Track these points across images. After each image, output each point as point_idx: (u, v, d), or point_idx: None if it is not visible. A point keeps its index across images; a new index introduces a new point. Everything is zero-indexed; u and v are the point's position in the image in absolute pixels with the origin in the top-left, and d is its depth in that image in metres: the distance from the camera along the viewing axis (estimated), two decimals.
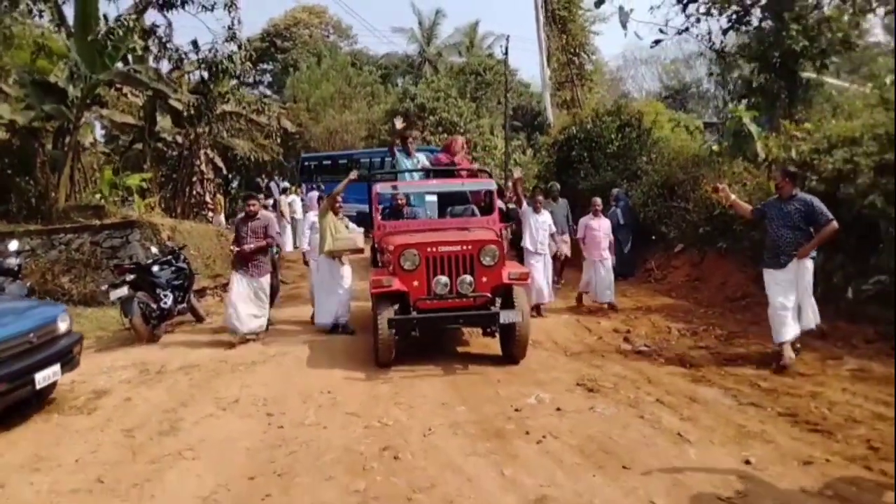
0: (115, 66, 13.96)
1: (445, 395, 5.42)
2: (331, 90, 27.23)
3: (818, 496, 3.55)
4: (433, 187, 8.47)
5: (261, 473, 3.93)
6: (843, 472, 3.84)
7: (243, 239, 7.60)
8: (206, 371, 6.33)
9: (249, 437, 4.53)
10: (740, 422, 4.67)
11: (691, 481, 3.73)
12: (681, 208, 10.24)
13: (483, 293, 6.25)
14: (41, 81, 14.81)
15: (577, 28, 19.12)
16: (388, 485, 3.73)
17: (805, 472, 3.84)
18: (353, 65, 31.62)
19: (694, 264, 10.04)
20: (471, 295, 6.22)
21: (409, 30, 36.43)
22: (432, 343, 6.93)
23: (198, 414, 5.06)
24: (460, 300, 6.24)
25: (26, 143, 15.33)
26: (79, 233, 12.04)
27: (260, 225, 7.69)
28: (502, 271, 6.34)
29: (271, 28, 37.49)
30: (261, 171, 25.03)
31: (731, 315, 8.11)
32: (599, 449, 4.20)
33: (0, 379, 4.48)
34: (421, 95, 27.36)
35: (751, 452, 4.12)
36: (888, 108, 7.44)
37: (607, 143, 12.55)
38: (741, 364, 6.13)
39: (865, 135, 7.17)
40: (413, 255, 6.24)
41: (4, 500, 3.68)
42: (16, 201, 16.23)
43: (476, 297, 6.25)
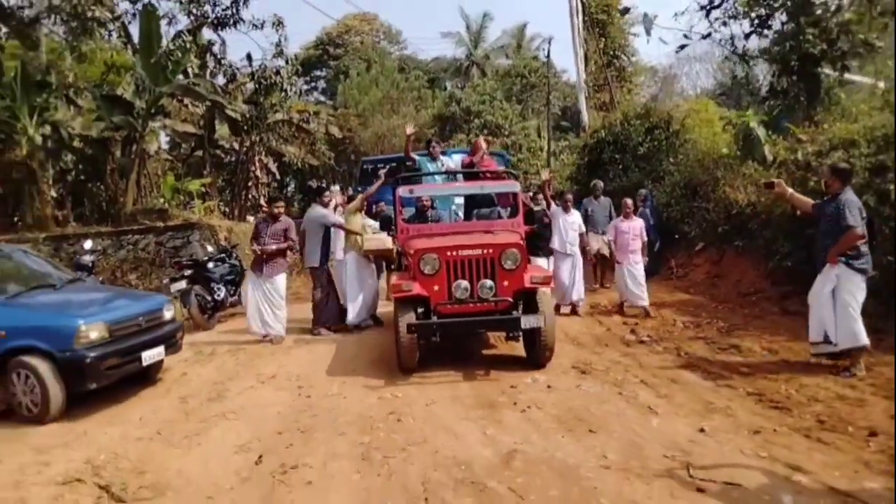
0: (175, 80, 15.30)
1: (454, 376, 6.18)
2: (379, 96, 28.32)
3: (753, 456, 4.16)
4: (453, 190, 8.63)
5: (287, 430, 4.81)
6: (786, 440, 4.43)
7: (262, 239, 7.91)
8: (250, 353, 7.32)
9: (281, 404, 5.43)
10: (710, 399, 5.28)
11: (645, 443, 4.40)
12: (702, 208, 10.70)
13: (504, 297, 6.18)
14: (110, 95, 16.32)
15: (615, 30, 19.55)
16: (389, 440, 4.54)
17: (750, 439, 4.44)
18: (401, 70, 32.68)
19: (713, 262, 10.49)
20: (492, 299, 6.16)
21: (457, 34, 37.37)
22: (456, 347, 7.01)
23: (241, 386, 6.02)
24: (481, 305, 6.18)
25: (98, 152, 16.88)
26: (144, 234, 13.34)
27: (280, 228, 8.03)
28: (524, 275, 6.28)
29: (324, 36, 39.04)
30: (313, 176, 26.38)
31: (740, 310, 8.58)
32: (574, 417, 4.90)
33: (113, 354, 5.45)
34: (466, 99, 28.18)
35: (709, 423, 4.74)
36: (890, 110, 7.81)
37: (636, 146, 13.04)
38: (732, 353, 6.67)
39: (864, 137, 7.56)
40: (433, 260, 6.21)
41: (87, 442, 4.67)
42: (89, 205, 17.86)
43: (497, 302, 6.18)
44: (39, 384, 5.12)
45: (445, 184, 8.70)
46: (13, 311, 5.52)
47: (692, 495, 3.64)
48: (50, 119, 15.65)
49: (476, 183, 8.46)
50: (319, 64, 39.44)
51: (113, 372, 5.52)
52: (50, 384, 5.12)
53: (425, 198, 8.39)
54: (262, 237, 7.95)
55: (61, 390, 5.18)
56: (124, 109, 16.15)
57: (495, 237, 6.79)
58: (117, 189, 16.70)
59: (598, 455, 4.21)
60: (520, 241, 6.74)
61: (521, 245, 6.51)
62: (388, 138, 26.88)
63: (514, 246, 6.37)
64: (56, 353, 5.20)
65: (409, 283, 6.21)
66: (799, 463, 4.00)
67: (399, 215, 7.78)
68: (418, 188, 8.13)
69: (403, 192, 7.83)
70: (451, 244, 6.42)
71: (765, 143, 8.83)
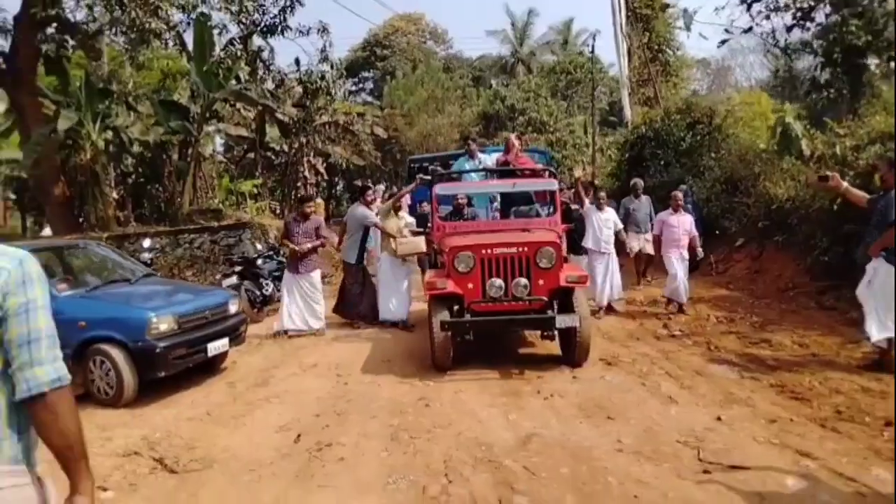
0: (228, 86, 16.04)
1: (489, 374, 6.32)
2: (424, 95, 28.77)
3: (765, 443, 4.32)
4: (487, 188, 8.64)
5: (324, 412, 5.20)
6: (801, 429, 4.57)
7: (295, 238, 8.16)
8: (294, 344, 7.78)
9: (320, 390, 5.83)
10: (732, 390, 5.43)
11: (661, 429, 4.60)
12: (742, 203, 10.67)
13: (539, 296, 6.15)
14: (168, 101, 17.21)
15: (660, 24, 19.40)
16: (416, 423, 4.87)
17: (765, 427, 4.60)
18: (446, 69, 33.05)
19: (754, 258, 10.47)
20: (526, 298, 6.12)
21: (503, 31, 37.53)
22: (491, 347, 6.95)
23: (284, 373, 6.46)
24: (516, 303, 6.16)
25: (156, 155, 17.83)
26: (200, 233, 14.05)
27: (312, 226, 8.33)
28: (560, 274, 6.23)
29: (371, 38, 39.79)
30: (360, 175, 27.04)
31: (777, 305, 8.60)
32: (595, 405, 5.14)
33: (180, 345, 5.91)
34: (511, 97, 28.36)
35: (727, 413, 4.90)
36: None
37: (678, 141, 13.02)
38: (762, 347, 6.77)
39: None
40: (467, 257, 6.20)
41: (144, 422, 5.17)
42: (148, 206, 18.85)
43: (532, 301, 6.15)
44: (115, 371, 5.58)
45: (481, 181, 8.79)
46: (92, 304, 6.01)
47: (697, 476, 3.84)
48: (111, 125, 16.61)
49: (512, 181, 8.35)
50: (367, 65, 40.24)
51: (180, 362, 5.94)
52: (124, 371, 5.58)
53: (461, 196, 8.41)
54: (294, 236, 8.20)
55: (134, 377, 5.63)
56: (181, 114, 17.01)
57: (531, 235, 6.75)
58: (174, 190, 17.60)
59: (613, 440, 4.44)
60: (556, 239, 6.63)
61: (557, 244, 6.42)
62: (434, 137, 27.33)
63: (549, 244, 6.31)
64: (129, 343, 5.64)
65: (444, 281, 6.21)
66: (809, 450, 4.14)
67: (435, 213, 7.78)
68: (454, 186, 8.24)
69: (439, 189, 7.88)
70: (486, 242, 6.42)
71: (802, 138, 8.80)
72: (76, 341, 5.61)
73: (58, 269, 6.66)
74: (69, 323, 5.61)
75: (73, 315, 5.65)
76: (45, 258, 6.50)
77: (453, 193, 8.29)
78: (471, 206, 8.74)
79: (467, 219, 8.23)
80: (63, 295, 5.87)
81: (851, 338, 6.73)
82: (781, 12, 11.53)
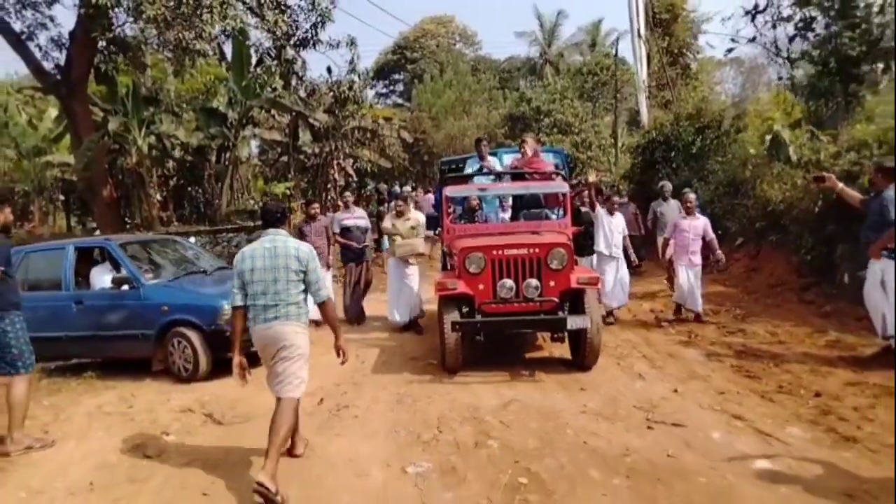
0: (264, 94, 17.31)
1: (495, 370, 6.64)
2: (451, 98, 29.77)
3: (708, 409, 5.23)
4: (498, 190, 8.58)
5: (344, 383, 6.29)
6: (743, 399, 5.45)
7: (309, 238, 8.58)
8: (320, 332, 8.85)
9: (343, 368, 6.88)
10: (696, 370, 6.33)
11: (623, 398, 5.54)
12: (742, 205, 11.44)
13: (550, 298, 6.25)
14: (207, 108, 18.58)
15: (680, 29, 20.10)
16: (420, 391, 5.91)
17: (713, 398, 5.49)
18: (473, 72, 34.01)
19: (751, 256, 11.21)
20: (537, 299, 6.23)
21: (532, 33, 38.33)
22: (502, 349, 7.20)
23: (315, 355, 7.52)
24: (526, 304, 6.26)
25: (196, 159, 19.24)
26: (237, 232, 15.28)
27: (321, 225, 9.13)
28: (571, 275, 6.33)
29: (402, 41, 41.01)
30: (388, 177, 28.20)
31: (763, 300, 9.37)
32: (573, 381, 6.09)
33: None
34: (536, 98, 29.18)
35: (684, 386, 5.82)
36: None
37: (687, 146, 13.79)
38: (736, 335, 7.60)
39: (876, 138, 8.25)
40: (478, 258, 6.31)
41: (196, 388, 6.30)
42: (188, 207, 20.28)
43: (543, 302, 6.25)
44: (192, 350, 6.55)
45: (491, 184, 8.61)
46: (174, 291, 6.93)
47: (642, 431, 4.78)
48: (156, 131, 18.04)
49: (523, 183, 8.32)
50: (397, 68, 41.49)
51: (247, 343, 6.96)
52: (200, 351, 6.54)
53: (472, 198, 8.65)
54: (308, 237, 8.71)
55: (207, 356, 6.56)
56: (219, 121, 18.38)
57: (542, 237, 6.85)
58: (213, 192, 18.99)
59: (580, 405, 5.40)
60: (567, 241, 6.73)
61: (568, 245, 6.52)
62: (460, 139, 28.32)
63: (560, 246, 6.40)
64: (204, 326, 6.56)
65: (455, 282, 6.33)
66: (742, 414, 5.05)
67: (445, 215, 7.89)
68: (464, 188, 8.21)
69: (449, 192, 7.98)
70: (497, 243, 6.50)
71: (790, 144, 9.56)
72: (159, 324, 6.68)
73: (145, 260, 7.65)
74: (154, 307, 6.74)
75: (157, 301, 6.75)
76: (136, 250, 7.63)
77: (467, 197, 8.53)
78: (481, 209, 9.10)
79: (478, 221, 8.51)
80: (149, 283, 6.96)
81: (820, 328, 7.53)
82: (784, 23, 12.27)
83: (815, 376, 5.91)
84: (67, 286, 7.20)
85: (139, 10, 10.23)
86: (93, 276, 7.43)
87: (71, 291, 7.20)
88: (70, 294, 7.15)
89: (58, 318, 7.00)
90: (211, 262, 8.28)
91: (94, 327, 6.96)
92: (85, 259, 7.69)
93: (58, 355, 7.35)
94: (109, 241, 7.53)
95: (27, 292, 6.17)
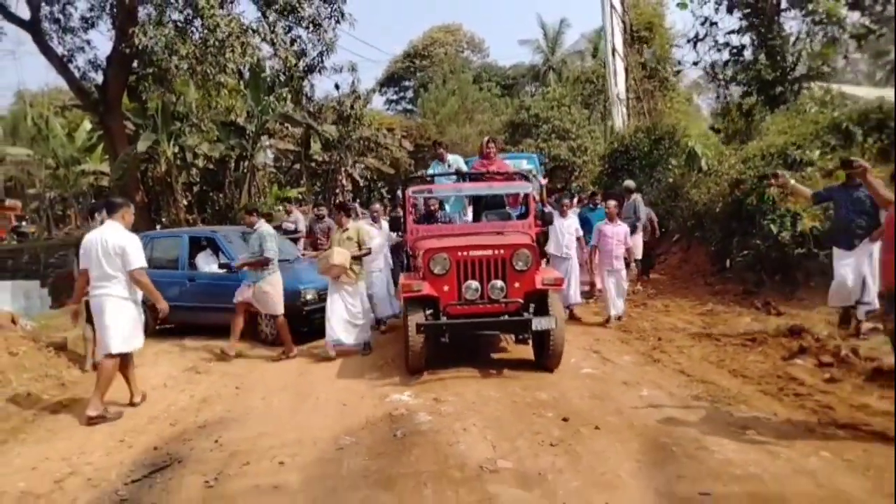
0: (278, 109, 20.05)
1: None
2: (455, 107, 32.41)
3: (582, 349, 7.72)
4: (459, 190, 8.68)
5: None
6: (613, 346, 7.94)
7: (315, 234, 10.97)
8: None
9: None
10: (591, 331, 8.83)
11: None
12: (678, 206, 13.90)
13: (515, 299, 6.40)
14: (228, 122, 21.39)
15: (657, 44, 22.47)
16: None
17: (587, 342, 7.99)
18: (475, 80, 36.62)
19: (684, 250, 13.65)
20: (502, 300, 6.37)
21: (535, 41, 40.88)
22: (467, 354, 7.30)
23: None
24: (492, 306, 6.39)
25: (218, 168, 22.02)
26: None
27: (326, 225, 11.24)
28: (535, 276, 6.48)
29: (411, 49, 43.78)
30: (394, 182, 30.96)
31: (680, 284, 11.83)
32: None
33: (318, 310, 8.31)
34: (535, 106, 31.70)
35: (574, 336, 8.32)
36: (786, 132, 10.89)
37: (644, 155, 16.21)
38: (639, 308, 10.07)
39: (759, 153, 10.70)
40: (443, 260, 6.40)
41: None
42: (210, 210, 23.06)
43: (508, 303, 6.38)
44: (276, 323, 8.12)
45: (453, 184, 8.75)
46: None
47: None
48: (182, 143, 20.87)
49: (484, 184, 8.47)
50: (407, 75, 44.26)
51: (318, 318, 8.27)
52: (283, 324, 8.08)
53: (432, 200, 8.77)
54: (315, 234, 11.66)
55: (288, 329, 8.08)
56: (238, 133, 21.18)
57: (506, 238, 7.01)
58: (233, 197, 21.73)
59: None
60: (531, 241, 6.96)
61: (532, 246, 6.71)
62: (462, 146, 30.95)
63: (525, 247, 6.57)
64: (288, 305, 8.13)
65: (419, 283, 6.41)
66: (600, 349, 7.55)
67: (408, 216, 8.08)
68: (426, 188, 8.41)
69: (412, 192, 8.17)
70: (462, 244, 6.60)
71: (702, 157, 12.03)
72: None
73: (241, 249, 9.19)
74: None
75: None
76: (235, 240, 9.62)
77: (425, 197, 8.67)
78: (442, 209, 9.16)
79: (441, 222, 8.66)
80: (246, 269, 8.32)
81: (703, 302, 9.98)
82: (721, 50, 14.76)
83: (675, 334, 8.34)
84: (183, 266, 9.43)
85: (173, 48, 12.94)
86: (199, 260, 9.62)
87: (185, 271, 9.35)
88: (184, 273, 9.30)
89: (174, 291, 8.72)
90: (296, 255, 10.38)
91: (201, 300, 8.97)
92: (194, 245, 9.76)
93: (173, 320, 8.60)
94: (216, 233, 9.80)
95: (151, 269, 6.50)
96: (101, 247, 5.72)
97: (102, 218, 6.09)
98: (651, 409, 5.37)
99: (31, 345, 7.57)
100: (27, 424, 5.73)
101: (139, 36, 12.65)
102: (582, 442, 4.67)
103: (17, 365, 6.94)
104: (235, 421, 5.61)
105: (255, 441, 5.01)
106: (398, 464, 4.43)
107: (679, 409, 5.35)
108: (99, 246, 5.73)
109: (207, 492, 4.14)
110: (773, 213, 9.61)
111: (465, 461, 4.38)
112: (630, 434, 4.79)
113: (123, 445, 5.07)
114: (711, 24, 14.50)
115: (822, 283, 8.75)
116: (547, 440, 4.71)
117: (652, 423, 4.99)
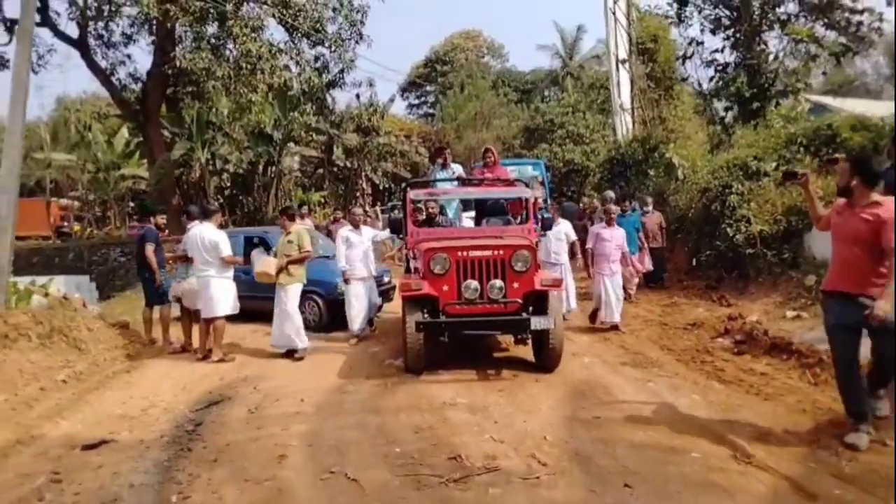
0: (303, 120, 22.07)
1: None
2: (472, 113, 34.15)
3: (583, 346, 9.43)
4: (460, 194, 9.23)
5: None
6: (612, 343, 9.62)
7: (332, 234, 12.04)
8: None
9: None
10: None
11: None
12: (664, 211, 15.48)
13: (514, 299, 6.58)
14: (256, 131, 23.45)
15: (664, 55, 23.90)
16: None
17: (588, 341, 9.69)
18: (493, 87, 38.32)
19: (669, 250, 15.22)
20: (501, 300, 6.55)
21: (553, 46, 42.40)
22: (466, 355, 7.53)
23: None
24: (491, 306, 6.57)
25: (247, 173, 24.07)
26: None
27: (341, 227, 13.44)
28: (534, 277, 6.67)
29: (433, 55, 45.64)
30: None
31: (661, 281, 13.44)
32: None
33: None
34: (550, 112, 33.30)
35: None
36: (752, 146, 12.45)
37: (638, 163, 17.76)
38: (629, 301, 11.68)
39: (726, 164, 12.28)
40: (443, 259, 6.59)
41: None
42: (240, 212, 25.14)
43: (507, 303, 6.56)
44: (318, 311, 9.91)
45: (454, 188, 9.24)
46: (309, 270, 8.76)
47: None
48: (216, 152, 22.95)
49: (485, 189, 8.91)
50: (428, 80, 46.12)
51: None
52: (323, 312, 9.91)
53: (432, 205, 8.93)
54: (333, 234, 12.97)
55: (327, 316, 9.92)
56: (266, 141, 23.23)
57: (506, 240, 7.22)
58: (261, 200, 23.78)
59: None
60: (531, 244, 7.13)
61: (531, 248, 6.91)
62: (478, 150, 32.72)
63: (524, 248, 6.77)
64: (326, 296, 9.83)
65: (419, 283, 6.61)
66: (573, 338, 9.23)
67: (409, 219, 8.31)
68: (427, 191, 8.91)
69: (413, 195, 8.47)
70: (462, 244, 6.82)
71: (678, 167, 13.64)
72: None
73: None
74: None
75: None
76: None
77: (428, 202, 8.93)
78: (443, 214, 9.33)
79: (442, 226, 8.86)
80: None
81: (668, 296, 11.61)
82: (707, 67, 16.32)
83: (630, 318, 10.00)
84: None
85: (210, 71, 14.93)
86: (252, 256, 9.94)
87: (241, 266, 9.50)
88: (241, 268, 9.36)
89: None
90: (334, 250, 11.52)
91: (254, 291, 9.50)
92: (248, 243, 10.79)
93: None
94: (267, 233, 11.06)
95: None
96: (200, 241, 8.04)
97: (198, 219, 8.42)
98: (584, 369, 7.10)
99: (101, 323, 9.51)
100: (109, 379, 7.62)
101: (180, 59, 14.64)
102: (523, 389, 6.42)
103: (93, 338, 8.85)
104: (268, 376, 7.44)
105: (283, 388, 6.83)
106: (384, 400, 6.23)
107: (606, 370, 7.08)
108: (198, 240, 8.05)
109: (250, 416, 5.97)
110: (731, 218, 11.20)
111: (433, 400, 6.15)
112: (560, 384, 6.54)
113: (185, 391, 6.93)
114: (698, 44, 16.07)
115: (769, 279, 10.45)
116: (497, 388, 6.47)
117: (580, 378, 6.73)
